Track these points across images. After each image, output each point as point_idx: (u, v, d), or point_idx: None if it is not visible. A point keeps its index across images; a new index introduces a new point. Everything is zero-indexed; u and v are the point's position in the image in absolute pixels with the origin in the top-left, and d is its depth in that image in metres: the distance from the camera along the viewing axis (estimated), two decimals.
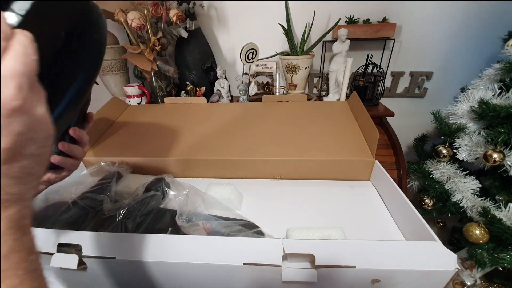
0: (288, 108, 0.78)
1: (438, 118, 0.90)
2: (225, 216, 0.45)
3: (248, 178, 0.59)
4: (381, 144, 0.79)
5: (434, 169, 0.90)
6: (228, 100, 1.00)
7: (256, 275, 0.32)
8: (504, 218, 0.72)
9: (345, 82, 0.87)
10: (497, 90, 0.77)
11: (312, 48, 0.91)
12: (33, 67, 0.16)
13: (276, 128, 0.66)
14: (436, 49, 0.97)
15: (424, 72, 1.02)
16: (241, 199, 0.51)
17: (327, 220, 0.46)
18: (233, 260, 0.32)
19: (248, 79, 0.98)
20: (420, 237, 0.36)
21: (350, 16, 0.92)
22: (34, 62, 0.16)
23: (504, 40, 0.80)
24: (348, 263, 0.30)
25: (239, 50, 0.85)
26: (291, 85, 0.98)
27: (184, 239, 0.34)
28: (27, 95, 0.15)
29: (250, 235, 0.41)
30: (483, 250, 0.78)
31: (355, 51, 0.99)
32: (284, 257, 0.31)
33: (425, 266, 0.30)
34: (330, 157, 0.55)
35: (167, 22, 0.84)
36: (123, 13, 0.77)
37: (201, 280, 0.34)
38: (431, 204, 0.90)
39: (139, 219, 0.43)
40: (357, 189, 0.54)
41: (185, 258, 0.32)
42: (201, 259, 0.32)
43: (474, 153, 0.78)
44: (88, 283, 0.39)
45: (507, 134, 0.70)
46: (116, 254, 0.34)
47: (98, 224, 0.45)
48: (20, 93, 0.15)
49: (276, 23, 0.91)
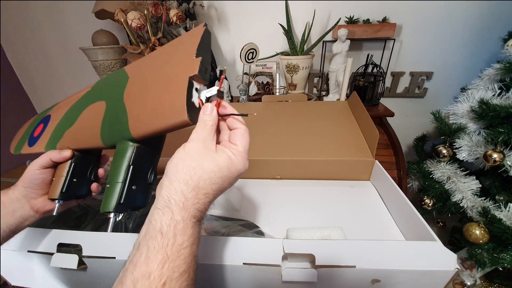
0: (288, 108, 0.78)
1: (438, 118, 0.89)
2: (225, 216, 0.45)
3: (248, 178, 0.59)
4: (381, 144, 0.79)
5: (434, 169, 0.90)
6: (228, 100, 0.99)
7: (256, 275, 0.32)
8: (504, 218, 0.72)
9: (345, 82, 0.87)
10: (497, 90, 0.77)
11: (312, 48, 0.91)
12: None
13: (276, 128, 0.66)
14: (436, 49, 0.97)
15: (424, 72, 1.02)
16: (241, 199, 0.51)
17: (327, 220, 0.46)
18: (233, 260, 0.32)
19: (248, 79, 0.98)
20: (420, 237, 0.36)
21: (350, 16, 0.92)
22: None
23: (504, 40, 0.80)
24: (348, 263, 0.30)
25: (239, 50, 0.85)
26: (291, 85, 0.98)
27: None
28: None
29: (250, 235, 0.41)
30: (483, 250, 0.77)
31: (355, 51, 0.99)
32: (284, 257, 0.31)
33: (425, 266, 0.30)
34: (330, 157, 0.55)
35: (167, 22, 0.84)
36: (123, 13, 0.77)
37: (201, 280, 0.34)
38: (431, 204, 0.90)
39: (139, 219, 0.43)
40: (357, 189, 0.54)
41: None
42: (201, 259, 0.32)
43: (474, 153, 0.78)
44: (88, 283, 0.39)
45: (507, 134, 0.70)
46: (116, 254, 0.34)
47: (98, 224, 0.45)
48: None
49: (276, 23, 0.91)
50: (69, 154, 0.35)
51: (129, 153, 0.29)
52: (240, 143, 0.26)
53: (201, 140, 0.25)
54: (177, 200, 0.23)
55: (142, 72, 0.31)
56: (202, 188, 0.24)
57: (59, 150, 0.35)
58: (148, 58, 0.32)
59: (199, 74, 0.25)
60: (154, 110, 0.27)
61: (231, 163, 0.25)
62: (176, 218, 0.22)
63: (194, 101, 0.26)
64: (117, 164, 0.29)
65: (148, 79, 0.29)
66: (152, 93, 0.28)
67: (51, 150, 0.35)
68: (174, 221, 0.22)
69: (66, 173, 0.34)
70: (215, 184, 0.24)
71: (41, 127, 0.40)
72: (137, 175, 0.30)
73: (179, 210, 0.22)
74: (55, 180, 0.34)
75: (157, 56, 0.31)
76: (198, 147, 0.25)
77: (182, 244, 0.22)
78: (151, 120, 0.27)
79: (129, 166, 0.29)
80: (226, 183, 0.25)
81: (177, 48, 0.29)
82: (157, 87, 0.28)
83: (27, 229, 0.38)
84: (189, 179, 0.23)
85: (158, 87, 0.27)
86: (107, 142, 0.31)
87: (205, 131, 0.25)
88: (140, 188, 0.30)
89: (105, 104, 0.32)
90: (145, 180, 0.31)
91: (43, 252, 0.36)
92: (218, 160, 0.24)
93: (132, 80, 0.31)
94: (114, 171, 0.29)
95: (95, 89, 0.37)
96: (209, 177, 0.24)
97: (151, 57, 0.32)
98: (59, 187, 0.33)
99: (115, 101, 0.31)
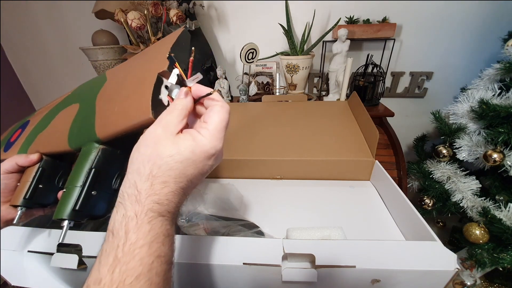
0: (288, 108, 0.78)
1: (438, 118, 0.89)
2: (225, 216, 0.45)
3: (248, 178, 0.59)
4: (381, 144, 0.79)
5: (434, 169, 0.90)
6: (228, 100, 0.99)
7: (256, 275, 0.32)
8: (504, 218, 0.72)
9: (345, 82, 0.87)
10: (497, 90, 0.77)
11: (312, 48, 0.91)
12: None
13: (276, 128, 0.66)
14: (436, 49, 0.97)
15: (424, 72, 1.02)
16: (241, 199, 0.51)
17: (327, 220, 0.46)
18: (233, 260, 0.32)
19: (248, 79, 0.98)
20: (420, 237, 0.36)
21: (350, 16, 0.92)
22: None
23: (504, 40, 0.80)
24: (348, 263, 0.30)
25: (239, 50, 0.85)
26: (291, 85, 0.98)
27: (184, 239, 0.34)
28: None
29: (250, 235, 0.41)
30: (483, 250, 0.77)
31: (355, 51, 0.99)
32: (284, 257, 0.31)
33: (425, 266, 0.30)
34: (330, 157, 0.55)
35: (167, 22, 0.84)
36: (123, 13, 0.77)
37: (201, 280, 0.34)
38: (431, 204, 0.90)
39: None
40: (357, 189, 0.54)
41: (185, 258, 0.32)
42: (201, 259, 0.32)
43: (474, 153, 0.78)
44: None
45: (507, 134, 0.70)
46: None
47: (98, 224, 0.45)
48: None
49: (276, 23, 0.91)
50: (36, 158, 0.32)
51: (93, 155, 0.27)
52: (212, 121, 0.23)
53: (162, 125, 0.22)
54: (129, 194, 0.20)
55: (118, 74, 0.30)
56: (157, 176, 0.20)
57: (26, 154, 0.32)
58: (129, 60, 0.32)
59: (168, 70, 0.23)
60: (121, 109, 0.25)
61: (195, 144, 0.21)
62: (129, 214, 0.19)
63: (163, 98, 0.24)
64: (78, 167, 0.27)
65: (123, 80, 0.28)
66: (123, 93, 0.26)
67: (18, 154, 0.33)
68: (126, 218, 0.19)
69: (32, 178, 0.32)
70: (173, 170, 0.21)
71: (19, 132, 0.39)
72: (100, 180, 0.27)
73: (132, 205, 0.20)
74: (19, 186, 0.32)
75: (136, 58, 0.31)
76: (155, 132, 0.22)
77: (136, 243, 0.19)
78: (116, 120, 0.25)
79: (91, 169, 0.26)
80: (190, 168, 0.21)
81: (155, 49, 0.29)
82: (128, 87, 0.27)
83: (27, 229, 0.38)
84: (142, 167, 0.21)
85: (129, 87, 0.27)
86: (73, 145, 0.29)
87: (171, 115, 0.22)
88: (102, 194, 0.27)
89: (78, 107, 0.31)
90: (109, 187, 0.28)
91: (43, 252, 0.36)
92: (178, 143, 0.21)
93: (108, 82, 0.30)
94: (74, 174, 0.27)
95: (74, 92, 0.36)
96: (165, 162, 0.21)
97: (132, 60, 0.31)
98: (23, 193, 0.31)
99: (87, 103, 0.30)
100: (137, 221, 0.19)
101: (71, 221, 0.26)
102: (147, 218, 0.20)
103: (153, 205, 0.20)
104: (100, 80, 0.32)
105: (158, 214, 0.20)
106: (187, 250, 0.33)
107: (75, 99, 0.33)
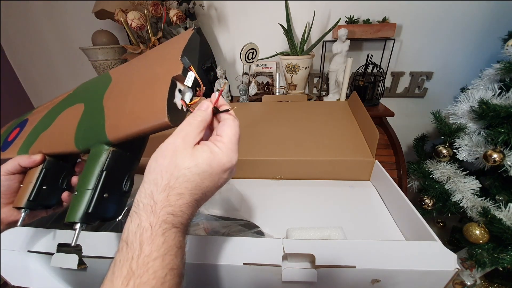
0: (288, 108, 0.78)
1: (438, 118, 0.89)
2: (225, 216, 0.45)
3: (248, 178, 0.59)
4: (381, 144, 0.79)
5: (434, 169, 0.90)
6: (228, 100, 0.99)
7: (256, 275, 0.32)
8: (504, 218, 0.72)
9: (345, 82, 0.87)
10: (497, 90, 0.77)
11: (312, 48, 0.91)
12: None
13: (276, 128, 0.66)
14: (436, 49, 0.97)
15: (424, 72, 1.02)
16: (241, 199, 0.51)
17: (327, 220, 0.46)
18: (233, 260, 0.32)
19: (248, 79, 0.98)
20: (420, 237, 0.36)
21: (350, 16, 0.92)
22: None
23: (504, 40, 0.80)
24: (348, 263, 0.30)
25: (239, 50, 0.85)
26: (291, 85, 0.98)
27: None
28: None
29: (250, 235, 0.41)
30: (483, 250, 0.77)
31: (355, 51, 0.99)
32: (284, 257, 0.31)
33: (425, 266, 0.30)
34: (330, 157, 0.55)
35: (167, 22, 0.84)
36: (123, 13, 0.77)
37: (201, 280, 0.34)
38: (431, 204, 0.90)
39: None
40: (357, 189, 0.54)
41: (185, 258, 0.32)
42: (201, 259, 0.32)
43: (474, 153, 0.78)
44: (88, 283, 0.39)
45: (507, 134, 0.70)
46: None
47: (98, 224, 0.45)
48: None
49: (276, 23, 0.91)
50: (40, 159, 0.31)
51: (104, 157, 0.26)
52: (226, 134, 0.23)
53: (181, 136, 0.22)
54: (145, 203, 0.20)
55: (125, 74, 0.30)
56: (173, 188, 0.20)
57: (29, 155, 0.32)
58: (134, 61, 0.32)
59: (182, 74, 0.24)
60: (134, 111, 0.25)
61: (212, 157, 0.22)
62: (144, 225, 0.19)
63: (177, 102, 0.24)
64: (88, 169, 0.26)
65: (131, 81, 0.28)
66: (133, 94, 0.26)
67: (20, 154, 0.32)
68: (141, 228, 0.19)
69: (36, 179, 0.31)
70: (190, 182, 0.21)
71: (17, 131, 0.38)
72: (111, 182, 0.27)
73: (147, 215, 0.20)
74: (22, 187, 0.32)
75: (142, 59, 0.30)
76: (175, 143, 0.22)
77: (150, 255, 0.19)
78: (129, 122, 0.25)
79: (102, 172, 0.26)
80: (207, 181, 0.22)
81: (163, 51, 0.29)
82: (138, 89, 0.26)
83: (27, 229, 0.38)
84: (160, 178, 0.21)
85: (139, 88, 0.26)
86: (81, 146, 0.29)
87: (191, 126, 0.23)
88: (113, 197, 0.27)
89: (84, 107, 0.30)
90: (119, 189, 0.28)
91: (43, 252, 0.36)
92: (196, 156, 0.21)
93: (114, 82, 0.30)
94: (84, 176, 0.26)
95: (76, 92, 0.35)
96: (183, 174, 0.21)
97: (137, 60, 0.31)
98: (26, 194, 0.31)
99: (94, 104, 0.29)
100: (152, 232, 0.19)
101: (83, 224, 0.26)
102: (161, 230, 0.20)
103: (168, 216, 0.20)
104: (104, 80, 0.31)
105: (172, 225, 0.20)
106: (187, 250, 0.33)
107: (79, 98, 0.33)
